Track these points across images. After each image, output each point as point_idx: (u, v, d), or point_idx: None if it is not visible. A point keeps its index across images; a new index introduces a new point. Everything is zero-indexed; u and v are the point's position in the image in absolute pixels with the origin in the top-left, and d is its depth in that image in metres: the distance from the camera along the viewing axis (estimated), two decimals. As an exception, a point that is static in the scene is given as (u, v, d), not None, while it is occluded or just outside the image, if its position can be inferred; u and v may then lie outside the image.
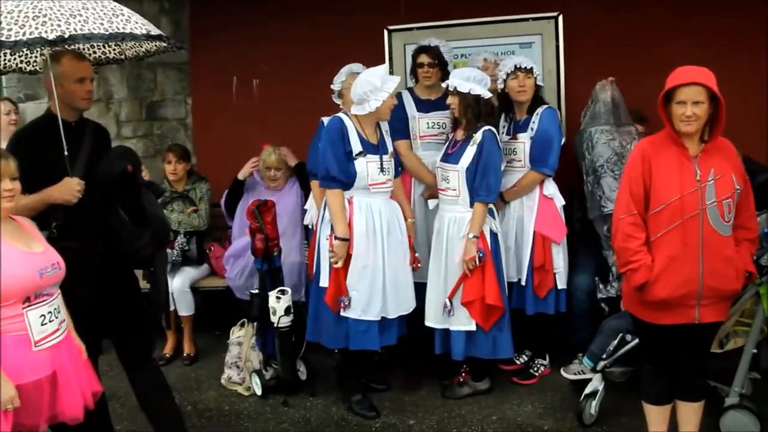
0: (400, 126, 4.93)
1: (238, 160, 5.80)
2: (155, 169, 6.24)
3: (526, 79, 4.74)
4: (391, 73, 5.43)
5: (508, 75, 4.77)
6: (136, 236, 3.61)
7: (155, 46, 3.92)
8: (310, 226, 5.20)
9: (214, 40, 6.48)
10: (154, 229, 3.67)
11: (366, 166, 4.35)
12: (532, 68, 4.77)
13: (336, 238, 4.33)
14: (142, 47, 3.98)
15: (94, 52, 4.09)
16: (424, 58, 5.01)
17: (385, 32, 5.97)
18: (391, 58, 5.96)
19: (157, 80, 6.74)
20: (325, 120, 4.71)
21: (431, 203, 4.91)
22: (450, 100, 4.53)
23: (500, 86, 4.85)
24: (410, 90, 5.25)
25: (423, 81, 5.06)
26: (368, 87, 4.20)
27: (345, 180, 4.32)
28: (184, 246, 5.73)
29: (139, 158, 3.79)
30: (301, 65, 6.26)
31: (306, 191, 5.42)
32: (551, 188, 4.88)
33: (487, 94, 4.42)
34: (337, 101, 5.01)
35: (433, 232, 4.73)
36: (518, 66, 4.73)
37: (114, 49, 4.09)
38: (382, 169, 4.40)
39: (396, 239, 4.45)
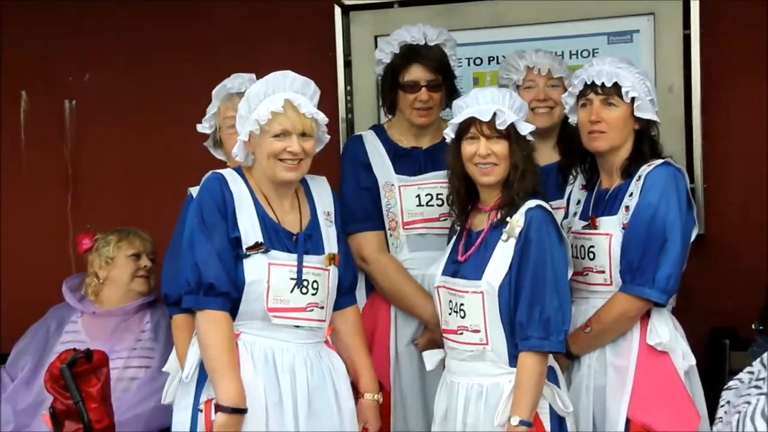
0: (361, 204, 3.59)
1: (35, 266, 4.39)
2: None
3: (604, 108, 3.19)
4: (349, 93, 4.21)
5: (577, 99, 3.27)
6: None
7: None
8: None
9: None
10: None
11: (267, 272, 3.06)
12: (616, 86, 3.21)
13: (219, 407, 2.98)
14: None
15: None
16: (418, 72, 3.54)
17: (337, 10, 4.36)
18: (348, 63, 4.35)
19: None
20: (195, 193, 3.43)
21: (429, 359, 3.42)
22: (493, 148, 3.14)
23: (572, 119, 3.38)
24: (378, 131, 3.71)
25: (414, 117, 3.58)
26: (238, 115, 3.24)
27: (232, 292, 3.04)
28: None
29: None
30: (162, 78, 4.57)
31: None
32: (663, 331, 3.20)
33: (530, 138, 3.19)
34: (217, 154, 3.61)
35: (435, 416, 3.31)
36: (588, 82, 3.22)
37: None
38: (299, 284, 3.10)
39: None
